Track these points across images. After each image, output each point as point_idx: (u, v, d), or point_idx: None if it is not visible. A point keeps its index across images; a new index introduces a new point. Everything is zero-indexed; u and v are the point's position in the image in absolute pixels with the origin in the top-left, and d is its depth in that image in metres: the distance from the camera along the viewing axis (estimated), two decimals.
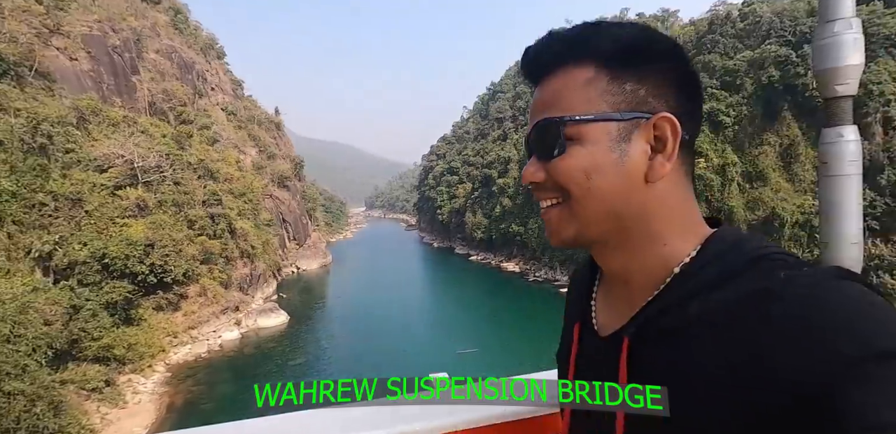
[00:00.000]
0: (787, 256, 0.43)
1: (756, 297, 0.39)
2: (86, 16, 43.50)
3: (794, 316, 0.37)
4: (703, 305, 0.42)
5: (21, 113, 29.59)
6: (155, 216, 32.47)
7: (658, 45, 0.49)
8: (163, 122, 45.35)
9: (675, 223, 0.49)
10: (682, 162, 0.49)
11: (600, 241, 0.51)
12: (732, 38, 45.70)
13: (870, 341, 0.34)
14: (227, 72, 71.52)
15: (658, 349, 0.45)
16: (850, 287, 0.38)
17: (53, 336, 19.98)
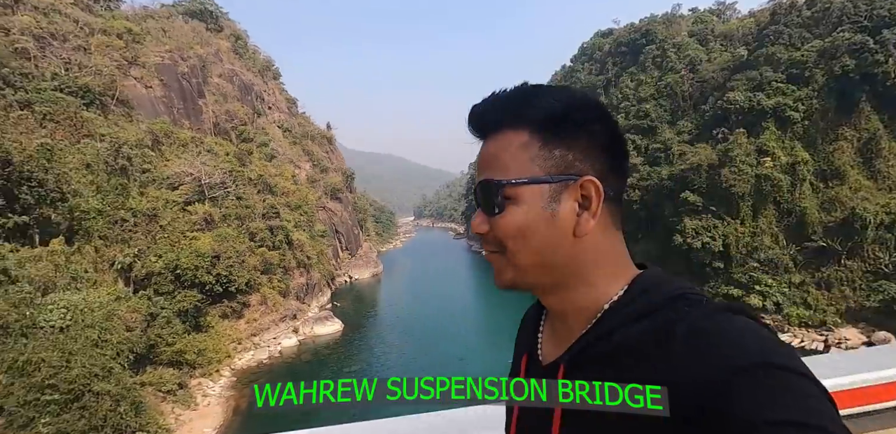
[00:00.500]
0: (700, 297, 0.51)
1: (663, 327, 0.48)
2: (158, 47, 47.62)
3: (688, 340, 0.46)
4: (624, 336, 0.51)
5: (105, 138, 32.72)
6: (220, 229, 34.62)
7: (584, 113, 0.56)
8: (226, 140, 48.51)
9: (603, 268, 0.56)
10: (608, 214, 0.56)
11: (537, 286, 0.59)
12: (799, 27, 42.70)
13: (747, 357, 0.42)
14: (282, 91, 75.56)
15: (588, 374, 0.52)
16: (735, 318, 0.47)
17: (134, 341, 21.70)
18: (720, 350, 0.44)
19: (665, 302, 0.51)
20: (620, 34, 72.63)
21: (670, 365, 0.45)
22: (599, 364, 0.52)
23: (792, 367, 0.42)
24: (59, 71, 35.87)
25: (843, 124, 36.19)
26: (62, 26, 39.49)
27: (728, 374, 0.41)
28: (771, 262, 35.75)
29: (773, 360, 0.42)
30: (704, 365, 0.43)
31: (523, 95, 0.58)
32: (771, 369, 0.41)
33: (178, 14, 61.18)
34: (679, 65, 54.43)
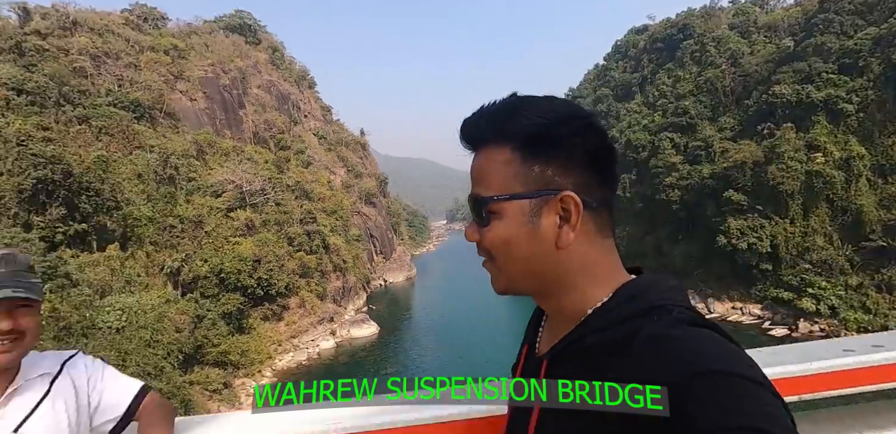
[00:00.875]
0: (680, 308, 0.53)
1: (629, 334, 0.52)
2: (201, 61, 49.99)
3: (647, 344, 0.50)
4: (599, 338, 0.55)
5: (154, 149, 34.63)
6: (260, 234, 35.91)
7: (563, 128, 0.57)
8: (265, 149, 50.30)
9: (589, 276, 0.59)
10: (592, 224, 0.59)
11: (528, 292, 0.63)
12: (850, 14, 40.22)
13: (704, 363, 0.45)
14: (317, 99, 77.72)
15: (564, 369, 0.58)
16: (697, 330, 0.50)
17: (183, 342, 22.82)
18: (677, 355, 0.47)
19: (644, 311, 0.54)
20: (656, 30, 70.59)
21: (632, 366, 0.49)
22: (575, 361, 0.57)
23: (749, 376, 0.44)
24: (113, 87, 38.31)
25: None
26: (115, 45, 42.19)
27: (685, 378, 0.44)
28: (825, 264, 33.70)
29: (732, 369, 0.44)
30: (662, 368, 0.47)
31: (506, 111, 0.60)
32: (729, 376, 0.44)
33: (219, 29, 64.08)
34: (719, 59, 52.32)
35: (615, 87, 73.64)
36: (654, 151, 48.42)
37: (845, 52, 37.37)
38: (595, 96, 77.66)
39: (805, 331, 32.37)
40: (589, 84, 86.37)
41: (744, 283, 37.38)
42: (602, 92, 75.54)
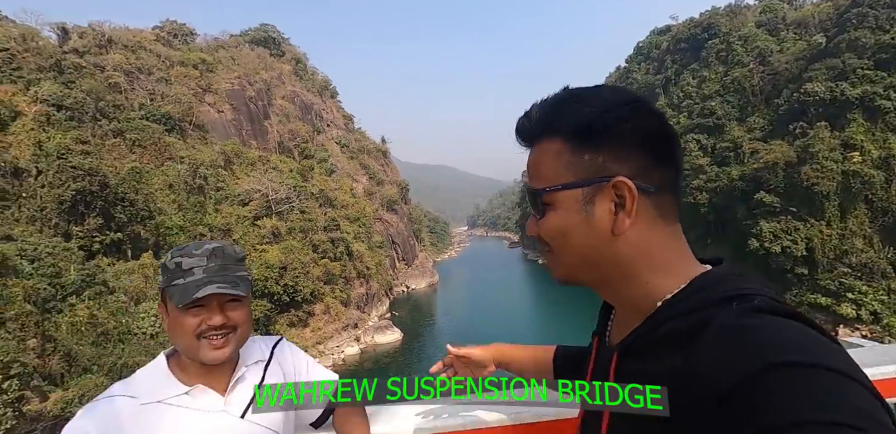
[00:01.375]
0: (763, 297, 0.50)
1: (701, 323, 0.50)
2: (228, 74, 51.53)
3: (717, 334, 0.47)
4: (668, 328, 0.53)
5: (184, 160, 35.76)
6: (286, 242, 36.53)
7: (610, 115, 0.57)
8: (289, 158, 51.34)
9: (653, 265, 0.58)
10: (653, 209, 0.58)
11: (587, 282, 0.62)
12: (886, 8, 38.75)
13: (777, 354, 0.42)
14: (339, 108, 79.07)
15: (633, 362, 0.57)
16: (777, 319, 0.47)
17: None
18: (751, 345, 0.44)
19: (720, 301, 0.51)
20: (679, 30, 69.47)
21: (702, 357, 0.47)
22: (644, 353, 0.56)
23: (838, 369, 0.41)
24: (145, 101, 39.83)
25: None
26: (147, 61, 43.94)
27: (759, 370, 0.41)
28: (865, 267, 32.21)
29: (817, 361, 0.41)
30: (733, 358, 0.44)
31: (554, 104, 0.61)
32: (812, 368, 0.41)
33: (244, 43, 66.06)
34: (746, 58, 51.06)
35: (638, 89, 72.51)
36: None
37: (881, 47, 36.01)
38: None
39: (845, 337, 30.80)
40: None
41: (778, 287, 35.89)
42: None
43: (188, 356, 0.94)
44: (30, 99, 28.95)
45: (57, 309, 19.28)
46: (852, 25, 39.99)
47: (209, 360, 0.92)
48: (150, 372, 0.96)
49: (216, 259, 0.93)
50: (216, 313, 0.91)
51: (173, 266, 0.92)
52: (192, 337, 0.91)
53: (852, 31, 39.44)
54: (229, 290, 0.90)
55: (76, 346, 18.37)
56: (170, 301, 0.92)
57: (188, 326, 0.90)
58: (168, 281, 0.92)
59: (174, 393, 0.92)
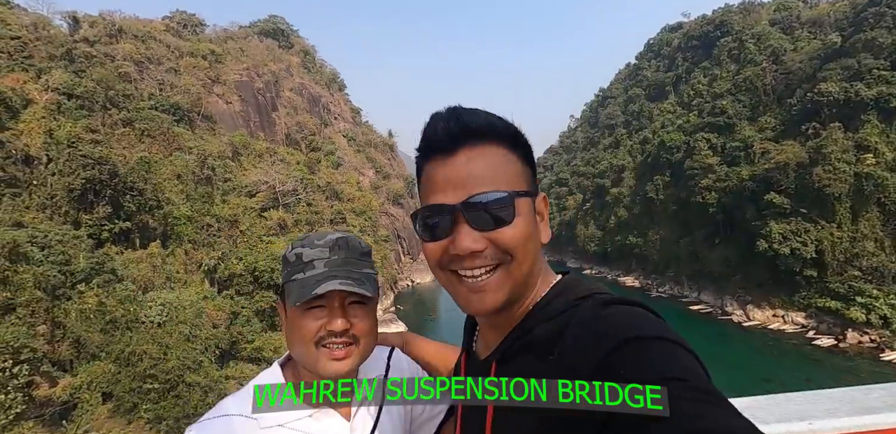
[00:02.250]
0: (604, 294, 0.58)
1: (564, 320, 0.56)
2: (237, 65, 51.47)
3: (578, 331, 0.54)
4: (537, 332, 0.58)
5: (193, 150, 35.80)
6: (292, 234, 36.59)
7: (521, 133, 0.65)
8: (296, 150, 51.36)
9: (542, 272, 0.65)
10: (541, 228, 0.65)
11: (518, 297, 0.62)
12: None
13: (623, 333, 0.50)
14: (346, 102, 78.90)
15: (512, 367, 0.60)
16: (619, 307, 0.55)
17: (219, 337, 23.43)
18: (607, 329, 0.51)
19: (575, 302, 0.58)
20: (691, 27, 68.70)
21: (571, 349, 0.53)
22: (519, 357, 0.59)
23: (670, 338, 0.50)
24: (155, 91, 39.85)
25: None
26: (157, 51, 43.92)
27: (617, 345, 0.49)
28: (876, 271, 31.88)
29: (656, 333, 0.50)
30: (595, 343, 0.50)
31: (479, 113, 0.63)
32: (654, 340, 0.49)
33: (253, 34, 65.91)
34: (759, 56, 50.40)
35: (647, 86, 71.99)
36: (689, 152, 47.00)
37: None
38: (626, 96, 76.14)
39: (854, 341, 30.65)
40: (620, 84, 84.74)
41: (786, 289, 35.78)
42: (634, 92, 73.95)
43: (304, 366, 0.83)
44: (41, 87, 29.01)
45: (66, 296, 19.44)
46: (869, 25, 39.33)
47: (326, 373, 0.79)
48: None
49: (339, 251, 0.83)
50: (337, 316, 0.79)
51: (294, 258, 0.83)
52: (311, 344, 0.79)
53: (869, 30, 38.79)
54: (353, 288, 0.78)
55: (85, 333, 18.53)
56: (287, 299, 0.81)
57: (306, 331, 0.79)
58: (288, 275, 0.83)
59: (296, 416, 0.80)
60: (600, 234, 62.57)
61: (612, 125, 75.24)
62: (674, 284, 47.06)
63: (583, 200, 71.28)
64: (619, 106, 77.16)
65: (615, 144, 70.12)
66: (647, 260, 52.25)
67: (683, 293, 45.14)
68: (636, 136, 64.51)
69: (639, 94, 72.76)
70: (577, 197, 73.55)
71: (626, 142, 66.69)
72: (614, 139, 71.41)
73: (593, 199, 67.88)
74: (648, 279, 51.59)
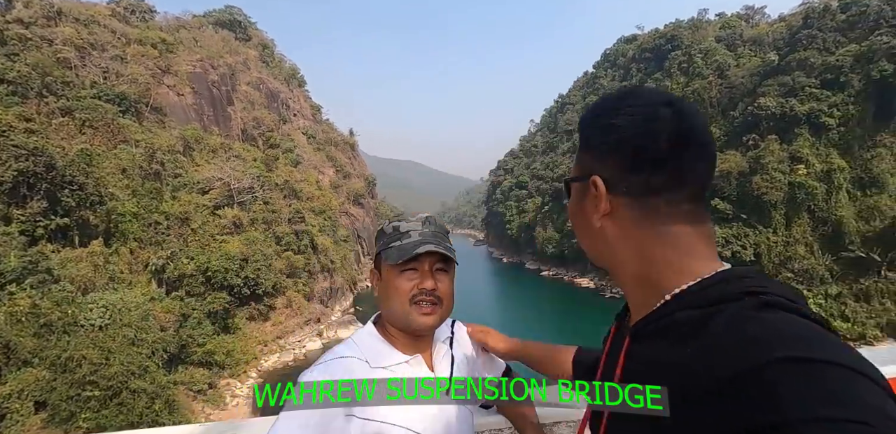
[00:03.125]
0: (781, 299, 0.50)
1: (712, 314, 0.51)
2: (190, 56, 49.11)
3: (724, 327, 0.49)
4: (680, 318, 0.55)
5: (140, 143, 33.80)
6: (248, 233, 35.28)
7: (600, 118, 0.64)
8: (253, 147, 49.58)
9: (648, 261, 0.61)
10: (632, 210, 0.61)
11: (600, 266, 0.68)
12: (833, 31, 41.68)
13: (777, 349, 0.42)
14: (307, 98, 77.04)
15: (644, 346, 0.60)
16: (783, 314, 0.48)
17: (167, 341, 22.18)
18: (756, 337, 0.45)
19: (736, 295, 0.52)
20: (645, 40, 72.04)
21: (708, 346, 0.48)
22: (654, 338, 0.58)
23: (847, 364, 0.41)
24: (98, 79, 37.31)
25: (882, 131, 35.07)
26: (101, 37, 41.13)
27: (763, 362, 0.42)
28: (806, 273, 34.64)
29: (824, 356, 0.41)
30: (738, 350, 0.45)
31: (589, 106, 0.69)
32: (819, 363, 0.41)
33: (208, 24, 63.12)
34: (706, 70, 53.60)
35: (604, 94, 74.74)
36: None
37: (827, 68, 38.66)
38: (584, 103, 78.75)
39: None
40: (578, 91, 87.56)
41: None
42: (591, 99, 76.51)
43: (398, 321, 0.96)
44: None
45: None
46: (802, 46, 42.77)
47: (418, 325, 0.94)
48: (366, 338, 0.98)
49: (430, 226, 0.99)
50: (428, 277, 0.94)
51: (391, 230, 0.99)
52: (406, 300, 0.94)
53: (802, 51, 42.18)
54: (446, 252, 0.94)
55: (15, 338, 17.03)
56: (385, 262, 0.96)
57: (402, 289, 0.94)
58: (385, 244, 0.97)
59: (396, 361, 0.94)
60: (558, 237, 64.27)
61: (570, 131, 77.57)
62: None
63: (542, 203, 72.99)
64: (577, 112, 79.68)
65: (573, 149, 72.24)
66: None
67: None
68: None
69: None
70: (537, 200, 75.26)
71: None
72: (572, 144, 73.63)
73: (552, 203, 69.66)
74: (603, 280, 53.48)
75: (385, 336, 0.98)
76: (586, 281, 56.15)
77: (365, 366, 0.90)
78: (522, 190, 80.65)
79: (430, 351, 1.01)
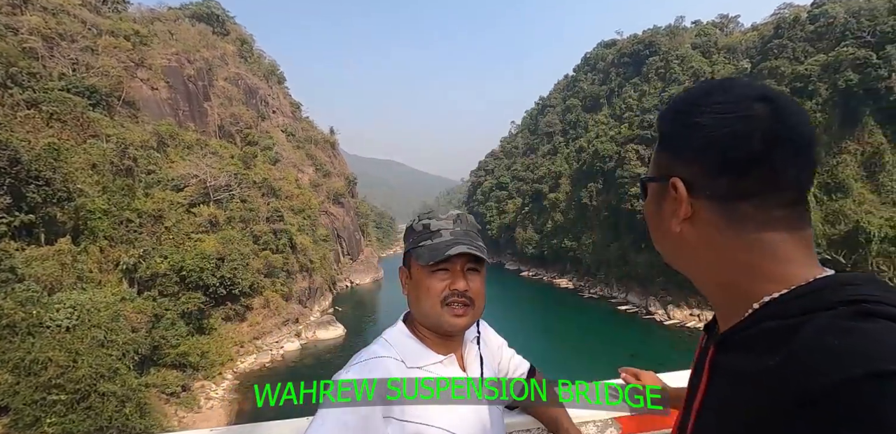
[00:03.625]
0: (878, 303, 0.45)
1: (804, 323, 0.47)
2: (165, 49, 47.73)
3: (816, 336, 0.44)
4: (768, 327, 0.51)
5: (111, 138, 32.65)
6: (225, 232, 34.48)
7: (683, 116, 0.58)
8: (230, 143, 48.52)
9: (736, 268, 0.56)
10: (718, 215, 0.56)
11: (678, 269, 0.65)
12: (802, 41, 43.31)
13: (877, 362, 0.39)
14: (286, 95, 75.82)
15: (729, 356, 0.56)
16: (886, 324, 0.43)
17: (139, 342, 21.46)
18: (849, 349, 0.41)
19: (835, 304, 0.47)
20: (624, 45, 73.49)
21: (794, 355, 0.45)
22: (740, 348, 0.55)
23: None
24: (67, 71, 35.87)
25: (846, 138, 36.56)
26: (70, 27, 39.57)
27: (858, 376, 0.39)
28: None
29: None
30: (827, 362, 0.42)
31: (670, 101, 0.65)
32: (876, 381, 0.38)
33: (184, 17, 61.52)
34: (683, 76, 55.02)
35: (584, 98, 75.95)
36: (620, 162, 50.10)
37: (797, 77, 40.11)
38: (564, 106, 79.80)
39: None
40: (558, 94, 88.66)
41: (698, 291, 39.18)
42: (571, 102, 77.68)
43: (429, 322, 0.95)
44: None
45: None
46: (773, 54, 44.31)
47: (450, 326, 0.93)
48: (399, 337, 0.96)
49: (461, 224, 0.97)
50: (460, 278, 0.93)
51: (421, 228, 0.96)
52: (437, 301, 0.92)
53: (773, 59, 43.69)
54: (478, 253, 0.92)
55: None
56: (415, 262, 0.94)
57: (434, 290, 0.92)
58: (415, 242, 0.96)
59: (431, 361, 0.94)
60: (538, 238, 64.92)
61: (550, 133, 78.49)
62: (604, 286, 49.87)
63: (522, 204, 73.61)
64: (557, 115, 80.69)
65: (553, 151, 73.18)
66: (580, 263, 54.95)
67: (613, 294, 47.94)
68: (573, 144, 67.74)
69: (576, 104, 76.56)
70: (517, 201, 75.87)
71: (564, 149, 69.81)
72: (552, 146, 74.52)
73: (532, 204, 70.33)
74: (581, 281, 54.29)
75: (417, 335, 0.96)
76: (565, 281, 56.89)
77: (401, 366, 0.90)
78: (503, 191, 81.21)
79: (461, 351, 1.01)
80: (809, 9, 46.43)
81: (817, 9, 44.50)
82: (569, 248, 56.36)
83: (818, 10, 43.94)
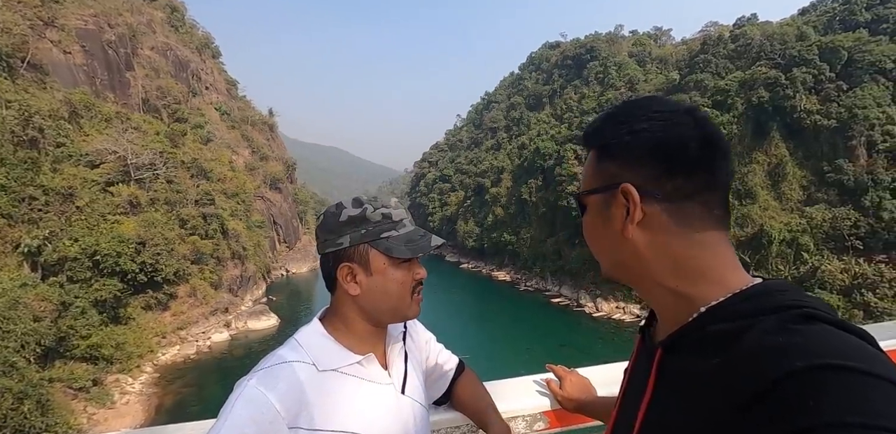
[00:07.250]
0: (819, 312, 0.49)
1: (748, 326, 0.50)
2: (81, 9, 42.81)
3: (760, 337, 0.48)
4: (714, 331, 0.54)
5: (12, 105, 28.94)
6: (147, 214, 31.90)
7: (623, 126, 0.61)
8: (156, 119, 44.74)
9: (680, 272, 0.59)
10: (668, 216, 0.59)
11: (621, 280, 0.67)
12: (724, 58, 47.18)
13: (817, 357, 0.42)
14: (221, 71, 70.97)
15: (676, 358, 0.58)
16: (822, 326, 0.47)
17: (42, 333, 19.40)
18: (790, 347, 0.45)
19: (773, 309, 0.51)
20: (567, 48, 76.12)
21: (739, 355, 0.48)
22: (686, 351, 0.57)
23: (879, 374, 0.41)
24: None
25: (756, 149, 40.50)
26: None
27: (798, 371, 0.42)
28: None
29: (858, 365, 0.41)
30: (771, 360, 0.44)
31: (598, 118, 0.67)
32: (853, 372, 0.41)
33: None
34: (619, 82, 58.07)
35: (528, 96, 77.95)
36: (559, 160, 52.13)
37: (718, 90, 43.71)
38: (509, 103, 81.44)
39: None
40: (504, 90, 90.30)
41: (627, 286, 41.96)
42: (515, 100, 79.45)
43: (393, 315, 0.91)
44: None
45: None
46: (699, 68, 47.93)
47: (414, 314, 0.92)
48: (313, 338, 0.88)
49: (409, 213, 0.93)
50: (420, 266, 0.90)
51: (379, 217, 0.88)
52: (408, 292, 0.89)
53: (699, 73, 47.28)
54: (442, 243, 0.91)
55: None
56: (383, 255, 0.86)
57: (407, 283, 0.88)
58: (375, 233, 0.87)
59: (347, 362, 0.86)
60: (478, 231, 66.15)
61: (494, 128, 79.89)
62: (539, 279, 51.96)
63: (464, 197, 74.54)
64: (501, 111, 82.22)
65: (497, 147, 74.61)
66: (518, 256, 56.76)
67: (547, 287, 50.07)
68: (515, 140, 69.45)
69: (520, 102, 78.41)
70: (459, 194, 76.68)
71: (507, 145, 71.39)
72: (496, 142, 75.96)
73: (474, 197, 71.42)
74: (518, 274, 56.16)
75: (335, 334, 0.89)
76: (503, 274, 58.57)
77: (312, 369, 0.82)
78: (446, 183, 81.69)
79: (384, 347, 0.94)
80: (732, 29, 50.68)
81: (738, 29, 48.64)
82: (508, 241, 58.00)
83: (738, 31, 48.04)
